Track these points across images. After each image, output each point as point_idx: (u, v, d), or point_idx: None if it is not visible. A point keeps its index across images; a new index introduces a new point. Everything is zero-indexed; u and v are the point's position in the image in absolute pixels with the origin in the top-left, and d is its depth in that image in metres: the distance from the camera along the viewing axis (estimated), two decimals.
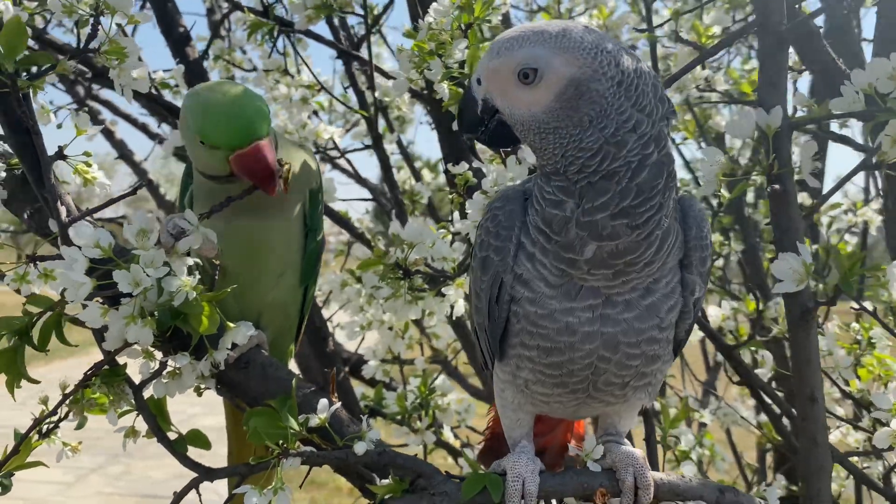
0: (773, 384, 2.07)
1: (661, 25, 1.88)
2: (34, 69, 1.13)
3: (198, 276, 1.21)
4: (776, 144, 1.14)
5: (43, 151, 1.18)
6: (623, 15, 2.74)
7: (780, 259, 1.11)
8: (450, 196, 1.74)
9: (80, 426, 1.39)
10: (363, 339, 2.56)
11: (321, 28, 3.62)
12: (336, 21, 2.43)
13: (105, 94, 3.18)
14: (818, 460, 1.29)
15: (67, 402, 1.32)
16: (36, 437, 1.37)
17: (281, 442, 1.28)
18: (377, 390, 2.39)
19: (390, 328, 2.48)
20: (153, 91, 2.06)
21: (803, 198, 2.74)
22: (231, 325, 1.31)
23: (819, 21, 1.54)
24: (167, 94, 2.29)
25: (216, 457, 1.49)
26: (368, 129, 2.41)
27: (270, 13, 2.21)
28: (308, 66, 2.39)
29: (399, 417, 2.17)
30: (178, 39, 2.35)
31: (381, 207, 2.70)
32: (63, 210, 1.20)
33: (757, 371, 1.76)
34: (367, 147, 2.53)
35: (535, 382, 1.17)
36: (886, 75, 1.02)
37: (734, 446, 3.22)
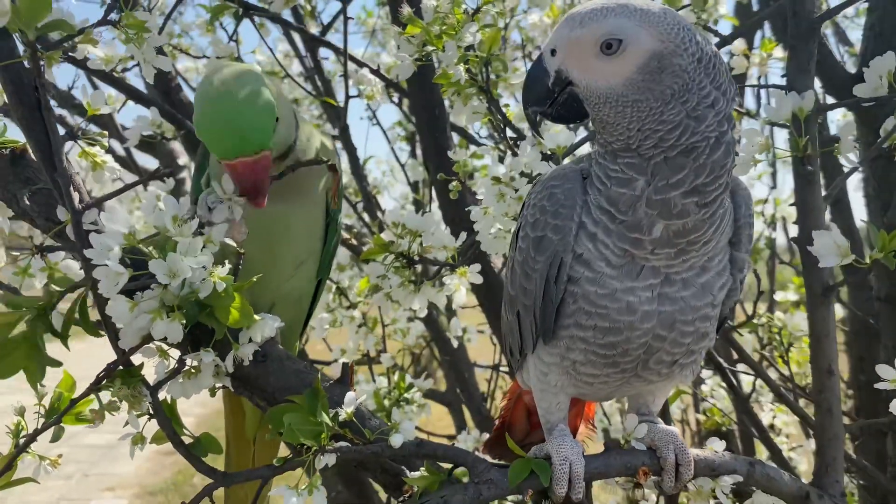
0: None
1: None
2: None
3: (229, 266, 1.12)
4: (807, 127, 1.19)
5: (54, 130, 1.08)
6: None
7: (819, 236, 1.16)
8: (450, 185, 1.72)
9: (55, 438, 1.29)
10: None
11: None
12: (301, 7, 2.35)
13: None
14: (833, 429, 1.36)
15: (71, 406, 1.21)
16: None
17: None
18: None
19: (360, 325, 2.44)
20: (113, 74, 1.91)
21: None
22: (256, 316, 1.23)
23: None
24: None
25: None
26: (336, 118, 2.34)
27: None
28: (272, 52, 2.29)
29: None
30: None
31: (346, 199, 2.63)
32: (76, 196, 1.09)
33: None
34: (334, 138, 2.45)
35: (586, 363, 1.17)
36: None
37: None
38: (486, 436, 2.35)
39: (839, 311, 2.63)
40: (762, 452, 2.87)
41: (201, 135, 1.18)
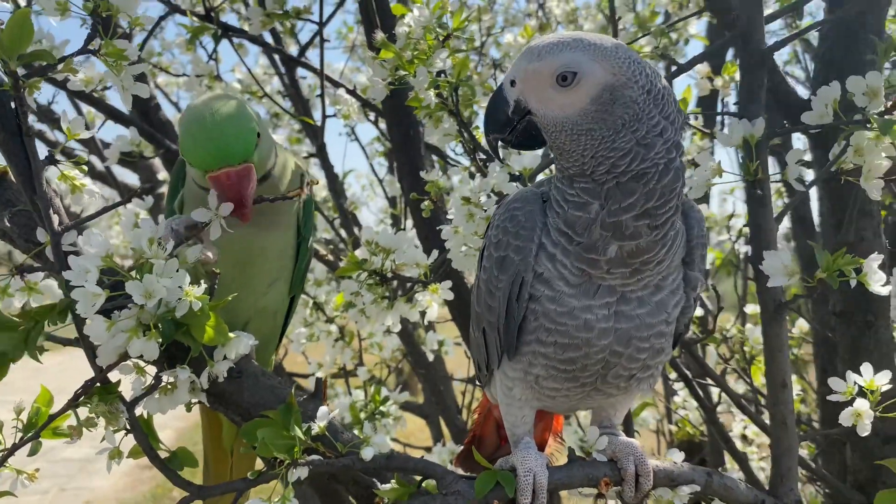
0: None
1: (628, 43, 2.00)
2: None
3: (204, 285, 1.16)
4: (758, 152, 1.26)
5: (35, 155, 1.11)
6: (544, 35, 2.87)
7: (768, 257, 1.22)
8: (422, 204, 1.77)
9: (33, 452, 1.31)
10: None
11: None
12: (279, 28, 2.39)
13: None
14: (788, 440, 1.42)
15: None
16: None
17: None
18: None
19: (337, 339, 2.48)
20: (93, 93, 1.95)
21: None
22: (231, 334, 1.27)
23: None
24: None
25: None
26: (313, 137, 2.38)
27: (215, 18, 2.15)
28: (251, 73, 2.34)
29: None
30: None
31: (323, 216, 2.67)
32: (55, 218, 1.13)
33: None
34: (311, 155, 2.49)
35: (547, 378, 1.22)
36: (861, 91, 1.16)
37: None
38: (461, 448, 2.39)
39: (805, 325, 2.71)
40: (733, 463, 2.94)
41: (186, 152, 1.22)
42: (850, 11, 1.39)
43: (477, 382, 3.03)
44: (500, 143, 1.15)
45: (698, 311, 2.74)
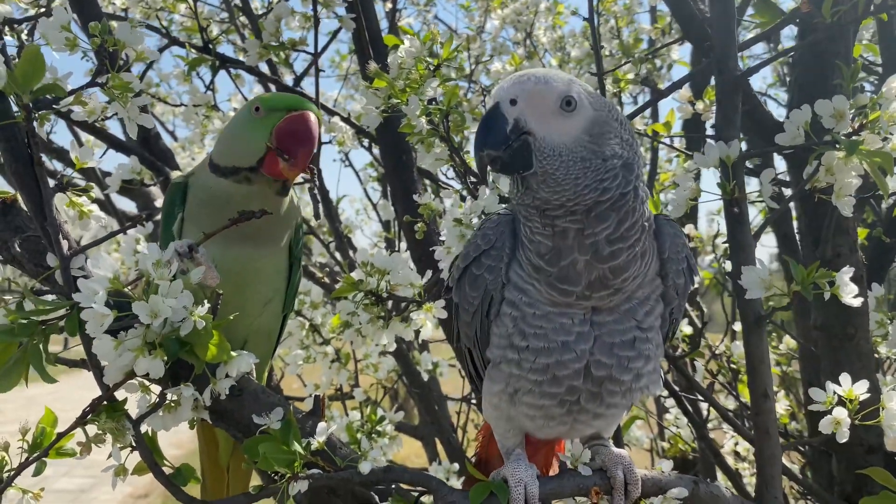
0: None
1: (611, 71, 2.08)
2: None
3: (207, 305, 1.22)
4: (734, 172, 1.32)
5: (45, 183, 1.17)
6: (532, 63, 2.97)
7: (745, 271, 1.28)
8: (415, 226, 1.83)
9: (38, 472, 1.35)
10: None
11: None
12: (275, 58, 2.46)
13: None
14: (770, 449, 1.46)
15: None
16: None
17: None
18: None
19: (333, 361, 2.52)
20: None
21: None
22: (233, 353, 1.32)
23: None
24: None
25: None
26: None
27: (213, 49, 2.23)
28: (247, 101, 2.40)
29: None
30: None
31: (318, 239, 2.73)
32: (65, 243, 1.18)
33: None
34: (306, 181, 2.55)
35: (525, 392, 1.26)
36: (829, 113, 1.23)
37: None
38: (457, 465, 2.43)
39: (793, 342, 2.77)
40: (726, 479, 2.98)
41: (272, 98, 1.42)
42: (820, 38, 1.47)
43: (473, 400, 3.08)
44: (490, 160, 1.13)
45: (688, 328, 2.80)
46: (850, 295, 1.26)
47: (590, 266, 1.14)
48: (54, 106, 1.22)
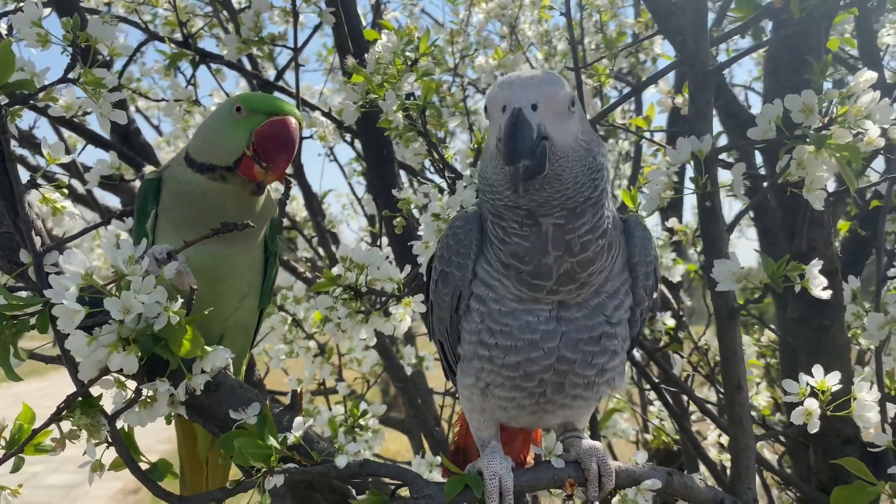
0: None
1: (589, 64, 2.09)
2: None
3: (182, 301, 1.22)
4: (707, 166, 1.33)
5: (17, 180, 1.17)
6: (516, 57, 2.97)
7: (717, 264, 1.29)
8: (394, 221, 1.83)
9: (16, 469, 1.35)
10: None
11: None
12: (258, 53, 2.46)
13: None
14: (744, 440, 1.48)
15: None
16: None
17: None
18: (307, 414, 2.40)
19: (316, 355, 2.53)
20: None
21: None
22: (208, 348, 1.33)
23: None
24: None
25: None
26: None
27: (193, 44, 2.22)
28: (228, 97, 2.40)
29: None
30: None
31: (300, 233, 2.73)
32: (38, 240, 1.18)
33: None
34: (290, 177, 2.54)
35: (497, 386, 1.27)
36: (798, 108, 1.24)
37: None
38: (439, 459, 2.44)
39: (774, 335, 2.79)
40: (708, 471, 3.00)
41: (254, 98, 1.38)
42: (789, 33, 1.48)
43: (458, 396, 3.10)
44: (524, 170, 1.08)
45: (671, 321, 2.81)
46: (819, 287, 1.28)
47: (560, 260, 1.15)
48: (31, 102, 1.22)
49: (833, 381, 1.37)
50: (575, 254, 1.15)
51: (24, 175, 1.23)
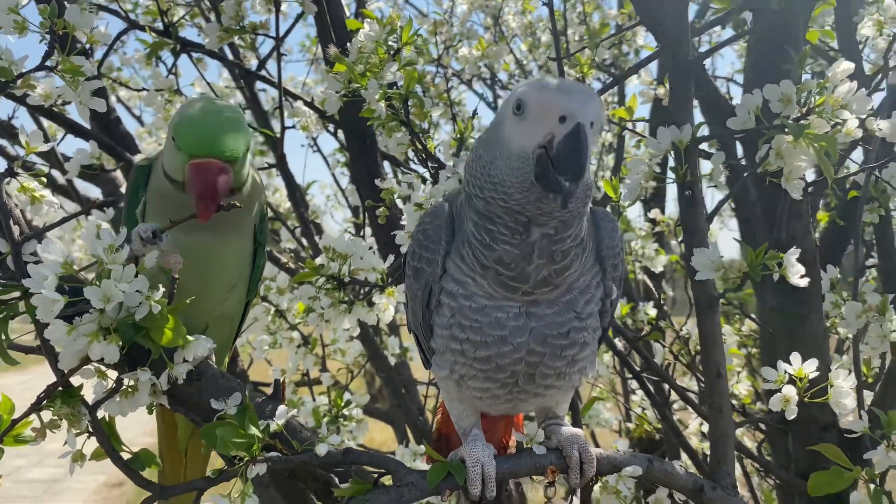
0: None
1: (572, 54, 2.10)
2: None
3: (162, 289, 1.21)
4: (687, 156, 1.35)
5: None
6: (499, 48, 2.97)
7: (697, 253, 1.31)
8: (377, 211, 1.83)
9: None
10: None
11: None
12: (240, 42, 2.45)
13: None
14: (724, 428, 1.50)
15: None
16: None
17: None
18: (290, 405, 2.40)
19: (299, 346, 2.52)
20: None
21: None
22: (189, 337, 1.32)
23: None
24: None
25: None
26: (273, 148, 2.43)
27: (174, 33, 2.20)
28: (211, 86, 2.38)
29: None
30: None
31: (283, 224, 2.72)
32: (16, 229, 1.17)
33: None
34: (271, 166, 2.55)
35: (471, 378, 1.29)
36: (777, 98, 1.25)
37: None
38: (422, 448, 2.45)
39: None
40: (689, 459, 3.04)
41: (181, 132, 1.28)
42: (766, 24, 1.49)
43: None
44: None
45: (652, 311, 2.84)
46: (796, 276, 1.29)
47: (540, 267, 1.17)
48: (9, 90, 1.21)
49: (810, 368, 1.40)
50: (556, 262, 1.17)
51: (2, 164, 1.23)
